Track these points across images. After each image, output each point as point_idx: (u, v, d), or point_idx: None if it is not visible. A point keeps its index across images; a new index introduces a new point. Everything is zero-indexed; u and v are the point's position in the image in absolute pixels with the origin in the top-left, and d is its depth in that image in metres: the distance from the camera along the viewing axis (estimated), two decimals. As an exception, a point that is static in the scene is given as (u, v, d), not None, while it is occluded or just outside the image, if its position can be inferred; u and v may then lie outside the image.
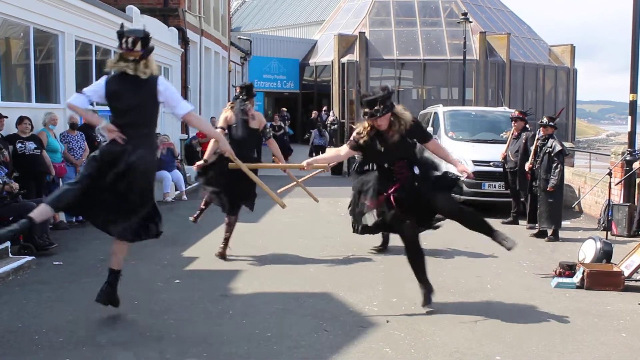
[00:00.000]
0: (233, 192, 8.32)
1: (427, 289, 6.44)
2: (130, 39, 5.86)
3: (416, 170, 6.29)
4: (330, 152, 6.67)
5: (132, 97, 5.78)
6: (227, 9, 29.02)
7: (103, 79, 5.97)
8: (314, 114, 30.50)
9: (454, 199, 6.53)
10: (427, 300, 6.40)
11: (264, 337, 5.63)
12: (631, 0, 11.77)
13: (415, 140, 6.35)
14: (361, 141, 6.29)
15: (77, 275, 7.73)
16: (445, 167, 6.72)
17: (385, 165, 6.31)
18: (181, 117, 6.08)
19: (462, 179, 6.55)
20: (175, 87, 19.09)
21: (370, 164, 6.75)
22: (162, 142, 14.66)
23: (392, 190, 6.21)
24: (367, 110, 6.10)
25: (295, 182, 9.13)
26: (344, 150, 6.67)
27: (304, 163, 6.61)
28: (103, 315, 6.16)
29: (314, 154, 27.42)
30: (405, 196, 6.22)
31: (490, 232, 6.57)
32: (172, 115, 6.39)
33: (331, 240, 9.91)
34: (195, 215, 9.26)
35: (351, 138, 6.42)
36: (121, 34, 5.89)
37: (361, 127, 6.28)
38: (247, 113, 8.42)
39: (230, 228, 8.58)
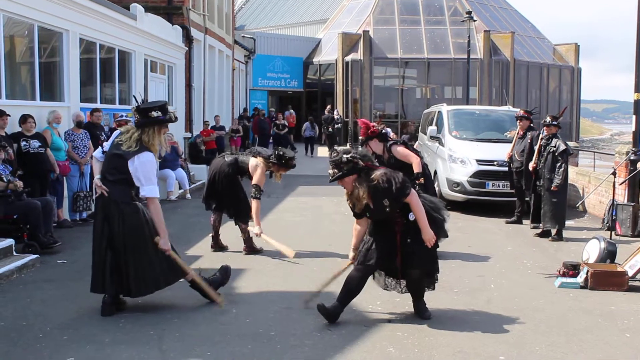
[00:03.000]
0: (222, 204, 9.02)
1: (336, 309, 6.11)
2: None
3: (411, 217, 5.94)
4: (356, 232, 6.52)
5: None
6: (231, 7, 29.04)
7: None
8: (327, 110, 30.62)
9: (423, 281, 6.22)
10: (332, 316, 6.06)
11: (268, 336, 5.64)
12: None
13: (393, 201, 5.88)
14: (354, 208, 6.16)
15: (81, 274, 7.74)
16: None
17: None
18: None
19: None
20: (179, 85, 19.18)
21: None
22: (165, 140, 14.67)
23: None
24: (330, 171, 6.05)
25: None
26: (359, 223, 6.43)
27: (351, 257, 6.54)
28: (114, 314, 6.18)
29: (308, 147, 27.67)
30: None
31: (418, 303, 6.30)
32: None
33: (335, 239, 9.91)
34: (212, 244, 9.29)
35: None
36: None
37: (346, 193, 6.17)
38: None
39: (214, 227, 9.15)
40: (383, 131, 8.80)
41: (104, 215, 6.25)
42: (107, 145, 6.41)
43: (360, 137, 8.80)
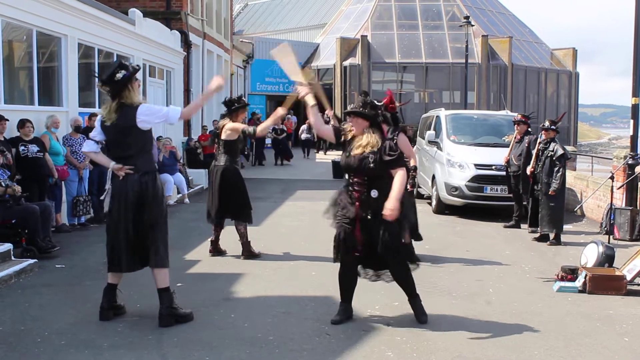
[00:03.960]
0: (222, 204, 8.80)
1: (345, 309, 6.22)
2: None
3: (374, 193, 5.88)
4: (323, 122, 6.51)
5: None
6: (230, 13, 29.07)
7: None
8: (325, 114, 30.70)
9: (403, 263, 6.14)
10: (339, 319, 6.13)
11: (266, 341, 5.63)
12: (632, 3, 11.79)
13: (382, 161, 5.85)
14: (341, 135, 6.17)
15: (79, 278, 7.74)
16: None
17: (346, 176, 6.14)
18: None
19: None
20: (178, 90, 19.17)
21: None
22: (164, 145, 14.69)
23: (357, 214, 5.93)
24: (354, 106, 6.09)
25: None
26: (328, 128, 6.52)
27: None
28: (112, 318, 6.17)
29: (305, 149, 27.81)
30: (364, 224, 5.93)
31: (412, 296, 6.26)
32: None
33: (333, 244, 9.89)
34: (211, 248, 9.25)
35: (341, 127, 6.31)
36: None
37: (349, 126, 6.18)
38: (219, 129, 9.01)
39: (216, 232, 9.09)
40: (398, 114, 8.66)
41: (133, 193, 5.98)
42: (95, 133, 6.25)
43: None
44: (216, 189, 8.73)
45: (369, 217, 5.88)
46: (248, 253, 8.95)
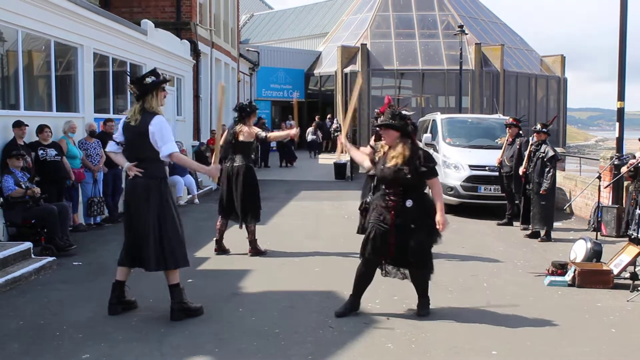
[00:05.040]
0: (231, 202, 8.85)
1: (352, 303, 6.20)
2: None
3: (409, 203, 5.86)
4: (362, 153, 6.56)
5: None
6: (237, 23, 29.06)
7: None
8: (327, 119, 31.11)
9: (427, 266, 6.13)
10: (343, 311, 6.13)
11: (273, 333, 5.63)
12: (617, 12, 11.77)
13: (417, 172, 5.84)
14: (375, 156, 6.21)
15: (95, 275, 7.75)
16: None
17: (382, 186, 6.07)
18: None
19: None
20: (187, 96, 19.20)
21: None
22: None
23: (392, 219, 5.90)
24: (383, 118, 6.06)
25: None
26: (366, 162, 6.44)
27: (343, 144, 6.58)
28: (120, 312, 6.17)
29: (311, 150, 27.97)
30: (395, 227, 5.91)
31: (423, 296, 6.27)
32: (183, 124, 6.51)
33: (335, 241, 9.91)
34: (216, 247, 9.22)
35: (374, 148, 6.31)
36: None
37: (380, 145, 6.17)
38: (236, 133, 9.01)
39: (220, 232, 9.06)
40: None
41: (138, 195, 5.99)
42: (117, 134, 6.24)
43: (376, 110, 8.57)
44: (240, 187, 8.74)
45: (404, 225, 5.85)
46: (255, 250, 8.95)
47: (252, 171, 8.96)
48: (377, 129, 6.15)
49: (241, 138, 8.91)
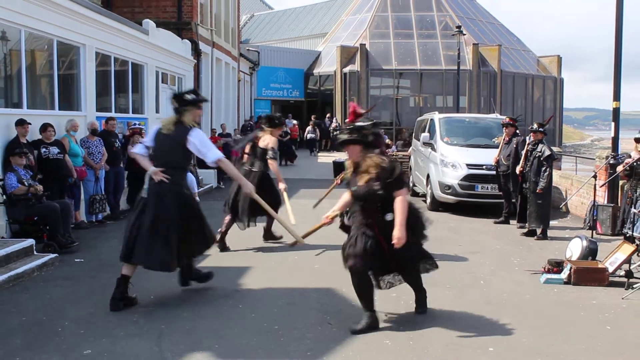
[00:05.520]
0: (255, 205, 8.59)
1: (371, 318, 5.77)
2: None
3: (389, 217, 5.54)
4: (343, 200, 6.31)
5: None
6: (237, 23, 29.05)
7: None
8: (327, 118, 31.14)
9: (417, 267, 5.99)
10: (373, 326, 5.70)
11: (272, 330, 5.63)
12: (613, 13, 11.77)
13: (386, 185, 5.50)
14: (346, 176, 5.93)
15: (97, 272, 7.74)
16: None
17: (360, 204, 5.72)
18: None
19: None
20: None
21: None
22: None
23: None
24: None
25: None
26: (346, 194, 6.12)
27: (325, 218, 6.27)
28: (121, 309, 6.17)
29: (311, 149, 28.09)
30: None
31: (418, 290, 6.17)
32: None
33: (335, 239, 9.88)
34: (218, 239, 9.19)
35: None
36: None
37: (347, 163, 5.91)
38: (258, 137, 9.28)
39: (227, 227, 9.13)
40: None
41: (160, 197, 6.28)
42: (147, 140, 6.59)
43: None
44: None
45: (390, 238, 5.52)
46: (270, 235, 9.45)
47: (269, 179, 9.19)
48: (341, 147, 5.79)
49: (262, 144, 9.05)
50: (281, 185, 9.08)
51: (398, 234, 5.45)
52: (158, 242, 6.12)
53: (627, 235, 8.59)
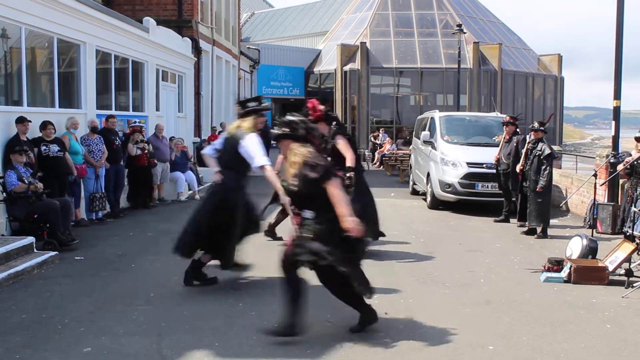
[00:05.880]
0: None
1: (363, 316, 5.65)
2: None
3: (306, 214, 5.32)
4: None
5: None
6: (237, 21, 29.02)
7: None
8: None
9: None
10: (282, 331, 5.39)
11: (272, 328, 5.61)
12: (614, 11, 11.76)
13: (306, 180, 5.19)
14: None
15: (97, 269, 7.74)
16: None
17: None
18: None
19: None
20: (189, 93, 19.19)
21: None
22: (176, 145, 14.68)
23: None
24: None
25: None
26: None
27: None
28: (121, 306, 6.18)
29: None
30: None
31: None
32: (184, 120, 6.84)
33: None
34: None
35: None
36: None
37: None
38: None
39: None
40: (328, 114, 8.42)
41: (216, 197, 6.81)
42: (218, 142, 7.11)
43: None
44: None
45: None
46: (271, 233, 9.63)
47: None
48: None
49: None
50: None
51: (349, 224, 5.08)
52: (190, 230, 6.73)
53: (627, 234, 8.57)
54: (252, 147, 6.62)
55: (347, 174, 7.78)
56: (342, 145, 8.20)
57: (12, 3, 9.31)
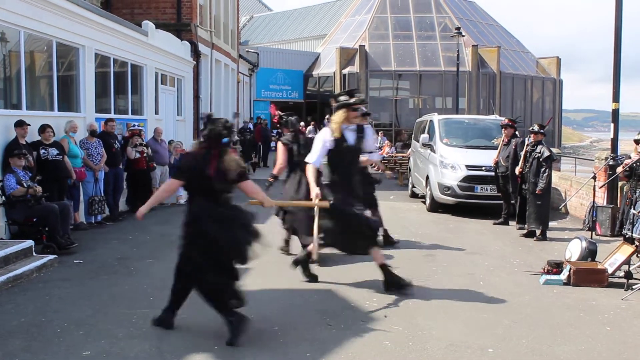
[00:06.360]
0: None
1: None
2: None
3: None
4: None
5: None
6: (236, 24, 29.04)
7: None
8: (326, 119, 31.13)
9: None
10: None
11: (271, 331, 5.62)
12: (612, 13, 11.77)
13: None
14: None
15: (96, 273, 7.73)
16: None
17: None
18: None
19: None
20: (188, 96, 19.16)
21: None
22: (175, 148, 14.68)
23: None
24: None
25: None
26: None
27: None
28: (120, 310, 6.17)
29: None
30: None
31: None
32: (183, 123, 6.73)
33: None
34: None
35: None
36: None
37: None
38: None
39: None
40: (283, 120, 8.84)
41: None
42: None
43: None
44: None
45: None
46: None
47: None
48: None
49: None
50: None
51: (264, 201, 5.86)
52: None
53: (627, 236, 8.58)
54: (315, 141, 6.83)
55: (270, 179, 8.58)
56: (278, 151, 8.74)
57: (11, 7, 9.32)
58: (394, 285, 6.83)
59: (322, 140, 6.75)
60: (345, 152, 6.80)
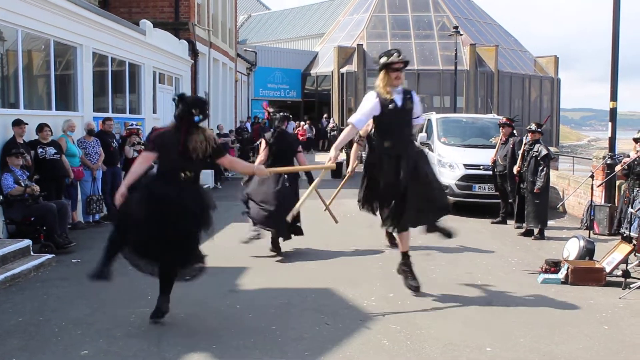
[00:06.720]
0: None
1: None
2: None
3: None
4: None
5: None
6: (234, 23, 29.02)
7: None
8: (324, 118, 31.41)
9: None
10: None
11: (269, 330, 5.62)
12: (610, 13, 11.78)
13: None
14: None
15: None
16: None
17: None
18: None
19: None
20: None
21: None
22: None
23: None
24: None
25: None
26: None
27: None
28: (118, 309, 6.17)
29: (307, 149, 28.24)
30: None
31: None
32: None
33: (331, 239, 9.90)
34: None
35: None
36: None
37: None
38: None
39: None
40: (272, 116, 9.15)
41: None
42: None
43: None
44: None
45: None
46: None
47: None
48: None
49: None
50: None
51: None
52: None
53: (624, 235, 8.60)
54: (360, 106, 6.55)
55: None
56: (260, 147, 9.03)
57: (9, 6, 9.31)
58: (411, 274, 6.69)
59: (371, 102, 6.43)
60: (397, 114, 6.44)
